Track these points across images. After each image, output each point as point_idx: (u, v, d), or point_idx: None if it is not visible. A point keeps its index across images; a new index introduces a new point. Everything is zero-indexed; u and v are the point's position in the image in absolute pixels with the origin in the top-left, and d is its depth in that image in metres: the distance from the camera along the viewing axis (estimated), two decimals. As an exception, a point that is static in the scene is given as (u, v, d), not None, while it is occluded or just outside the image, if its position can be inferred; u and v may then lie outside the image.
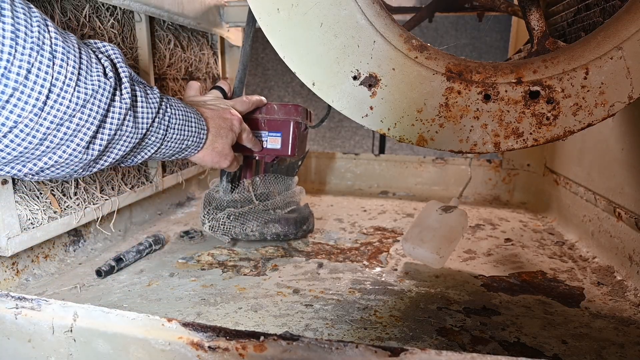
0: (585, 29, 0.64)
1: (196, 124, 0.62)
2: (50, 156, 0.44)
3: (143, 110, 0.52)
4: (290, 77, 2.28)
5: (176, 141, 0.59)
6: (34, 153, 0.43)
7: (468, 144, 0.55)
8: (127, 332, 0.38)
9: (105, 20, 0.76)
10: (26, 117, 0.40)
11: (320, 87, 0.56)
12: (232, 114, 0.71)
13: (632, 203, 0.71)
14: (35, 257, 0.69)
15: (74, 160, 0.46)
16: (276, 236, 0.82)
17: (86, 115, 0.44)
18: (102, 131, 0.47)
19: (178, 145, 0.60)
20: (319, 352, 0.33)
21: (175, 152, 0.61)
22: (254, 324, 0.56)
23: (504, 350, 0.52)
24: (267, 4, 0.55)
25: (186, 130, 0.60)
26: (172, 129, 0.57)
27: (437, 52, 0.54)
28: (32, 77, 0.39)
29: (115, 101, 0.47)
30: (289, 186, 0.86)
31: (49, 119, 0.42)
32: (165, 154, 0.60)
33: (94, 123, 0.45)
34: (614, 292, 0.67)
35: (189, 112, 0.61)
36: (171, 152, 0.60)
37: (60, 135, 0.43)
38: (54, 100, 0.41)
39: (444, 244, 0.72)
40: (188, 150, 0.63)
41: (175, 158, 0.64)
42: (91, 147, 0.47)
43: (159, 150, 0.58)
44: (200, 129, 0.63)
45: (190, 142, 0.62)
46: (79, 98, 0.43)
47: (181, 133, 0.59)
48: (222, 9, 1.14)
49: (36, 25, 0.40)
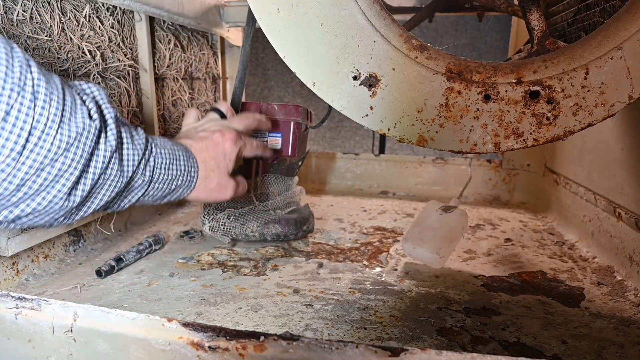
0: (585, 29, 0.64)
1: (185, 162, 0.59)
2: (28, 203, 0.42)
3: (129, 153, 0.50)
4: (290, 77, 2.28)
5: (164, 182, 0.56)
6: (10, 200, 0.41)
7: (468, 144, 0.55)
8: (127, 332, 0.38)
9: (105, 20, 0.76)
10: (3, 161, 0.38)
11: (320, 87, 0.56)
12: (224, 135, 0.66)
13: (632, 203, 0.71)
14: (35, 257, 0.69)
15: (54, 208, 0.43)
16: (276, 237, 0.82)
17: (69, 159, 0.42)
18: (86, 176, 0.45)
19: (167, 187, 0.57)
20: (319, 352, 0.33)
21: (166, 193, 0.58)
22: (254, 324, 0.56)
23: (504, 350, 0.52)
24: (267, 4, 0.55)
25: (174, 170, 0.57)
26: (158, 170, 0.54)
27: (437, 52, 0.54)
28: (11, 119, 0.37)
29: (99, 144, 0.45)
30: (289, 186, 0.86)
31: (27, 163, 0.39)
32: (155, 196, 0.57)
33: (77, 168, 0.43)
34: (614, 292, 0.67)
35: (176, 150, 0.58)
36: (160, 193, 0.57)
37: (40, 181, 0.41)
38: (34, 144, 0.39)
39: (444, 244, 0.72)
40: (180, 191, 0.60)
41: (167, 200, 0.60)
42: (73, 194, 0.44)
43: (146, 193, 0.55)
44: (190, 167, 0.60)
45: (180, 181, 0.58)
46: (61, 141, 0.41)
47: (169, 173, 0.56)
48: (222, 9, 1.14)
49: (17, 66, 0.38)
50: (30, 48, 0.62)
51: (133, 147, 0.50)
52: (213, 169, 0.63)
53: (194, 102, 1.09)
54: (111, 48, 0.78)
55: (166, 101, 0.98)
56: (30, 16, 0.62)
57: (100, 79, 0.76)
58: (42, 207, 0.43)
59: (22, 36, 0.61)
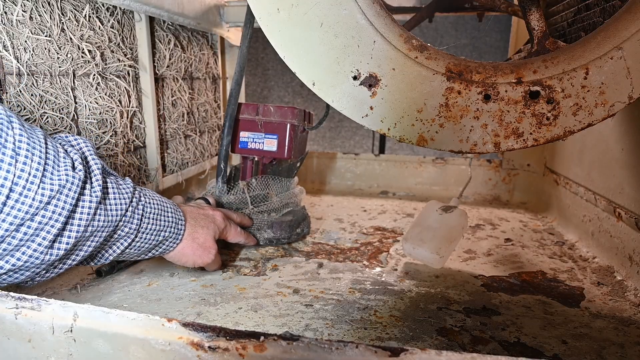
0: (585, 29, 0.64)
1: (173, 213, 0.59)
2: (7, 259, 0.41)
3: (115, 201, 0.49)
4: (290, 77, 2.28)
5: (152, 232, 0.56)
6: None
7: (468, 144, 0.55)
8: (127, 332, 0.38)
9: (105, 20, 0.76)
10: None
11: (320, 87, 0.56)
12: (214, 210, 0.69)
13: (632, 203, 0.71)
14: (35, 257, 0.69)
15: (34, 263, 0.43)
16: (269, 241, 0.82)
17: (50, 212, 0.41)
18: (70, 228, 0.44)
19: (154, 238, 0.56)
20: (319, 352, 0.33)
21: (152, 245, 0.57)
22: (254, 324, 0.56)
23: (504, 350, 0.52)
24: (267, 4, 0.55)
25: (162, 220, 0.57)
26: (146, 219, 0.54)
27: (437, 52, 0.54)
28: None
29: (84, 195, 0.45)
30: (288, 187, 0.86)
31: (8, 220, 0.39)
32: (141, 248, 0.56)
33: (58, 220, 0.42)
34: (614, 292, 0.67)
35: (164, 202, 0.58)
36: (147, 245, 0.56)
37: (20, 236, 0.40)
38: (14, 200, 0.39)
39: (444, 244, 0.72)
40: (166, 244, 0.59)
41: (151, 255, 0.59)
42: (56, 247, 0.43)
43: (132, 244, 0.54)
44: (178, 219, 0.60)
45: (167, 233, 0.58)
46: (43, 195, 0.41)
47: (157, 223, 0.56)
48: (222, 9, 1.14)
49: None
50: (30, 48, 0.62)
51: (120, 195, 0.50)
52: (202, 226, 0.64)
53: (193, 102, 1.10)
54: (111, 48, 0.78)
55: (166, 101, 0.98)
56: (30, 16, 0.62)
57: (100, 79, 0.76)
58: (22, 262, 0.42)
59: (22, 36, 0.61)
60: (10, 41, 0.59)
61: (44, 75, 0.65)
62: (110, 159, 0.80)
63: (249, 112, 0.85)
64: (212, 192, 0.83)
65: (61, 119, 0.68)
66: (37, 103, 0.63)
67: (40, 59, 0.64)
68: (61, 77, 0.68)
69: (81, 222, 0.45)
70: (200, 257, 0.65)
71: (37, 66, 0.64)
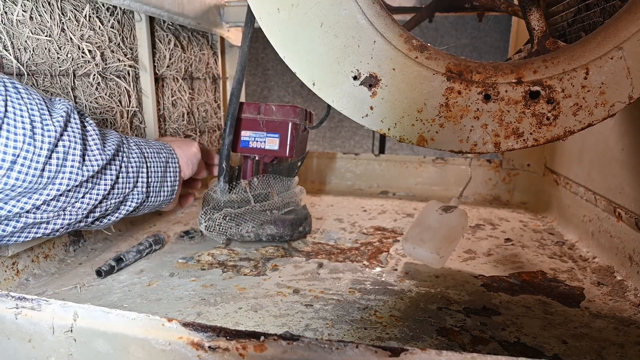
0: (586, 29, 0.64)
1: (153, 141, 0.68)
2: (50, 188, 0.47)
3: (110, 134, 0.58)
4: (290, 77, 2.28)
5: (154, 155, 0.64)
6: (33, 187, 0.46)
7: (468, 144, 0.55)
8: (128, 332, 0.38)
9: (105, 20, 0.76)
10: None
11: (320, 87, 0.56)
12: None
13: (632, 203, 0.71)
14: (36, 257, 0.69)
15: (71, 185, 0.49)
16: (271, 237, 0.82)
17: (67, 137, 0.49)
18: (90, 149, 0.52)
19: (158, 158, 0.65)
20: (319, 352, 0.33)
21: (163, 167, 0.65)
22: (254, 324, 0.56)
23: (504, 350, 0.52)
24: (267, 4, 0.55)
25: (152, 145, 0.65)
26: (142, 145, 0.63)
27: (437, 52, 0.54)
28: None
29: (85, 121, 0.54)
30: (289, 187, 0.86)
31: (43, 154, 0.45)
32: (157, 173, 0.64)
33: (77, 142, 0.50)
34: (614, 292, 0.67)
35: (140, 140, 0.65)
36: (160, 169, 0.65)
37: (54, 162, 0.47)
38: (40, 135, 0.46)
39: (444, 244, 0.72)
40: (170, 162, 0.67)
41: (170, 184, 0.68)
42: (85, 168, 0.50)
43: (150, 172, 0.62)
44: (161, 144, 0.68)
45: (163, 152, 0.66)
46: (59, 122, 0.48)
47: (151, 148, 0.64)
48: (222, 9, 1.14)
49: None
50: (31, 48, 0.62)
51: (108, 132, 0.59)
52: (180, 142, 0.73)
53: (193, 102, 1.10)
54: (111, 48, 0.78)
55: (166, 101, 0.98)
56: (31, 16, 0.62)
57: (100, 79, 0.76)
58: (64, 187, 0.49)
59: (22, 36, 0.61)
60: (11, 41, 0.59)
61: (44, 75, 0.65)
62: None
63: (250, 111, 0.85)
64: (215, 191, 0.83)
65: (61, 119, 0.68)
66: (37, 103, 0.63)
67: (40, 58, 0.64)
68: (61, 77, 0.68)
69: (96, 141, 0.52)
70: (196, 154, 0.73)
71: (37, 66, 0.64)
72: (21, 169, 0.43)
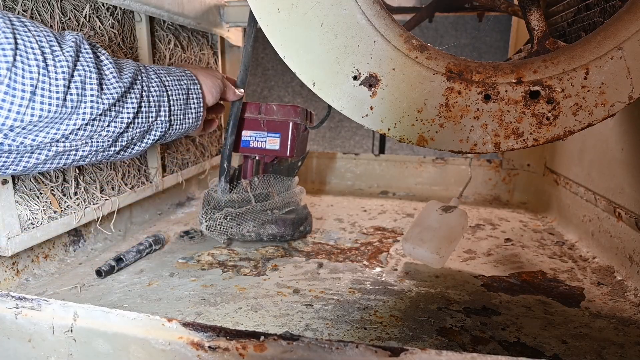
0: (585, 29, 0.64)
1: (173, 68, 0.65)
2: (75, 118, 0.48)
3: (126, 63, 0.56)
4: (290, 77, 2.28)
5: (174, 83, 0.62)
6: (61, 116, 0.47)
7: (468, 144, 0.55)
8: (128, 332, 0.38)
9: (105, 20, 0.76)
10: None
11: (320, 87, 0.56)
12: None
13: (632, 203, 0.71)
14: (36, 257, 0.69)
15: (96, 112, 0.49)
16: (272, 237, 0.82)
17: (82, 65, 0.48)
18: (107, 77, 0.51)
19: (178, 85, 0.63)
20: (319, 352, 0.33)
21: (184, 94, 0.64)
22: (254, 324, 0.56)
23: (504, 350, 0.52)
24: (267, 4, 0.55)
25: (172, 72, 0.63)
26: (162, 74, 0.61)
27: (437, 52, 0.54)
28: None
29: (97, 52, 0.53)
30: (289, 186, 0.86)
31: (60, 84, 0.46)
32: (179, 100, 0.63)
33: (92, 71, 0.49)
34: (614, 292, 0.67)
35: (159, 66, 0.64)
36: (182, 96, 0.63)
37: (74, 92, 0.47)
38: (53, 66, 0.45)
39: (444, 244, 0.72)
40: (192, 89, 0.65)
41: (195, 110, 0.66)
42: (104, 95, 0.50)
43: (171, 100, 0.61)
44: (180, 69, 0.66)
45: (184, 79, 0.64)
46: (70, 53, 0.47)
47: (170, 75, 0.62)
48: (222, 9, 1.14)
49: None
50: (30, 48, 0.62)
51: (123, 61, 0.57)
52: (202, 69, 0.71)
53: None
54: (111, 48, 0.78)
55: (166, 101, 0.97)
56: (31, 16, 0.62)
57: (100, 79, 0.76)
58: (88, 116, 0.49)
59: (22, 36, 0.61)
60: (11, 41, 0.59)
61: (44, 75, 0.65)
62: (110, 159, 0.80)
63: (251, 110, 0.85)
64: (216, 191, 0.83)
65: (61, 119, 0.68)
66: (37, 103, 0.63)
67: (40, 59, 0.64)
68: (61, 77, 0.68)
69: (111, 69, 0.51)
70: (217, 78, 0.71)
71: (37, 66, 0.63)
72: (42, 100, 0.44)
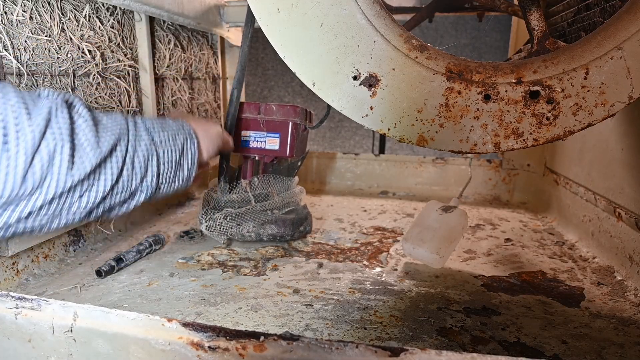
0: (585, 29, 0.64)
1: (171, 121, 0.60)
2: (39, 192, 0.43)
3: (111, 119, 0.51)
4: (290, 77, 2.28)
5: (167, 141, 0.57)
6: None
7: (468, 144, 0.55)
8: (127, 332, 0.38)
9: (105, 20, 0.76)
10: None
11: (320, 87, 0.56)
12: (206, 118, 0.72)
13: (632, 203, 0.71)
14: (35, 257, 0.69)
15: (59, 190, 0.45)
16: (272, 237, 0.82)
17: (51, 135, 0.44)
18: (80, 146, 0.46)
19: (173, 144, 0.57)
20: (319, 352, 0.33)
21: (178, 153, 0.58)
22: (254, 324, 0.56)
23: (504, 350, 0.52)
24: (267, 4, 0.55)
25: (168, 128, 0.58)
26: (154, 131, 0.56)
27: (437, 52, 0.54)
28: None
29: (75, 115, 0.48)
30: (289, 186, 0.86)
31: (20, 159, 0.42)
32: (171, 161, 0.57)
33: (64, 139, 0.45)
34: (614, 292, 0.67)
35: (156, 118, 0.61)
36: (175, 155, 0.58)
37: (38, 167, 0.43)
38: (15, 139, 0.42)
39: (444, 244, 0.72)
40: (189, 147, 0.60)
41: (187, 169, 0.60)
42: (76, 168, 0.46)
43: (161, 160, 0.55)
44: (179, 123, 0.61)
45: (181, 136, 0.59)
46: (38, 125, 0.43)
47: (165, 131, 0.57)
48: (222, 9, 1.14)
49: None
50: (30, 48, 0.62)
51: (111, 116, 0.52)
52: (203, 122, 0.67)
53: (193, 102, 1.09)
54: (111, 48, 0.78)
55: (166, 101, 0.98)
56: (30, 16, 0.62)
57: (100, 79, 0.76)
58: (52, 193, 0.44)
59: (22, 36, 0.61)
60: (10, 41, 0.59)
61: (44, 75, 0.65)
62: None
63: (250, 110, 0.85)
64: (215, 191, 0.83)
65: (61, 119, 0.68)
66: (37, 103, 0.63)
67: (40, 59, 0.64)
68: (61, 77, 0.68)
69: (88, 136, 0.47)
70: (223, 144, 0.67)
71: (37, 66, 0.64)
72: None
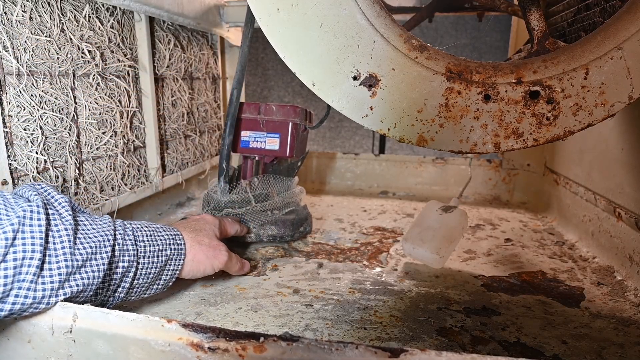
0: (585, 29, 0.64)
1: (166, 231, 0.57)
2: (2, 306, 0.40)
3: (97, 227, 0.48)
4: (290, 77, 2.28)
5: (152, 254, 0.54)
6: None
7: (468, 144, 0.55)
8: (127, 333, 0.38)
9: (105, 20, 0.76)
10: None
11: (320, 87, 0.56)
12: (199, 215, 0.68)
13: (632, 203, 0.71)
14: (35, 257, 0.69)
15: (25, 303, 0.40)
16: (272, 238, 0.82)
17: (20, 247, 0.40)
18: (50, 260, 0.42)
19: (157, 260, 0.54)
20: (319, 353, 0.33)
21: (158, 269, 0.55)
22: (254, 324, 0.56)
23: (504, 351, 0.52)
24: (267, 4, 0.55)
25: (158, 240, 0.54)
26: (141, 242, 0.52)
27: (437, 52, 0.54)
28: None
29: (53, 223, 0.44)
30: (289, 187, 0.86)
31: None
32: (148, 275, 0.54)
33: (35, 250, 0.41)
34: (614, 292, 0.67)
35: (152, 224, 0.56)
36: (154, 270, 0.54)
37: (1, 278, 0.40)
38: None
39: (444, 244, 0.72)
40: (173, 263, 0.57)
41: (164, 282, 0.57)
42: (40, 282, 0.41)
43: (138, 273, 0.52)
44: (174, 234, 0.57)
45: (169, 251, 0.55)
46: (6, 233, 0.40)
47: (154, 244, 0.54)
48: (222, 9, 1.14)
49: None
50: (30, 48, 0.62)
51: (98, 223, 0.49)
52: (199, 229, 0.62)
53: (193, 102, 1.10)
54: (111, 48, 0.78)
55: (166, 101, 0.98)
56: (30, 16, 0.62)
57: (100, 79, 0.76)
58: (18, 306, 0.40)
59: (21, 36, 0.61)
60: (10, 41, 0.59)
61: (43, 76, 0.65)
62: (110, 159, 0.80)
63: (250, 111, 0.85)
64: (215, 192, 0.83)
65: (61, 120, 0.68)
66: (36, 103, 0.63)
67: (40, 59, 0.64)
68: (61, 78, 0.68)
69: (64, 250, 0.43)
70: (215, 257, 0.61)
71: (37, 66, 0.64)
72: None
